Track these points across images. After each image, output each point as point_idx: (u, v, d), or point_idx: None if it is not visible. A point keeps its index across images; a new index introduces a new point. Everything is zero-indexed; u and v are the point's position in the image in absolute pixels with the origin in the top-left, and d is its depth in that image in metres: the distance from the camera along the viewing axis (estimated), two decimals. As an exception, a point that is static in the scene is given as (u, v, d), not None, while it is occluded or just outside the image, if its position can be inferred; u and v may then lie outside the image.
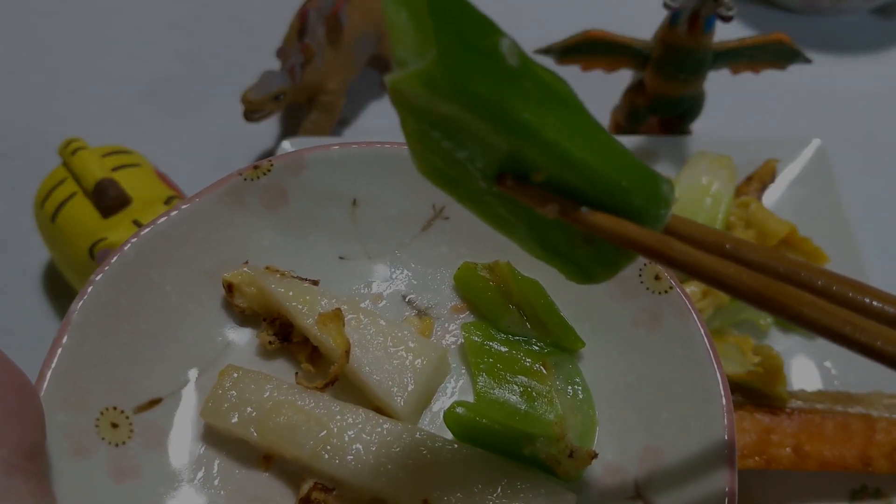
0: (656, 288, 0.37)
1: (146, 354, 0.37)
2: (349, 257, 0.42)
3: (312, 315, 0.37)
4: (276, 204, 0.41)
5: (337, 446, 0.34)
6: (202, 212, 0.40)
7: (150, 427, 0.36)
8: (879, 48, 0.86)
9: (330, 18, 0.68)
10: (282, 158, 0.41)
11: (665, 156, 0.69)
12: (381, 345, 0.37)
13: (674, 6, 0.59)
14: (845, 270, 0.61)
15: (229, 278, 0.39)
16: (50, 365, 0.34)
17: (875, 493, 0.52)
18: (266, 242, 0.41)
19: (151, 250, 0.38)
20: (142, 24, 0.90)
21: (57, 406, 0.33)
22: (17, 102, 0.81)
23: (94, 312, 0.36)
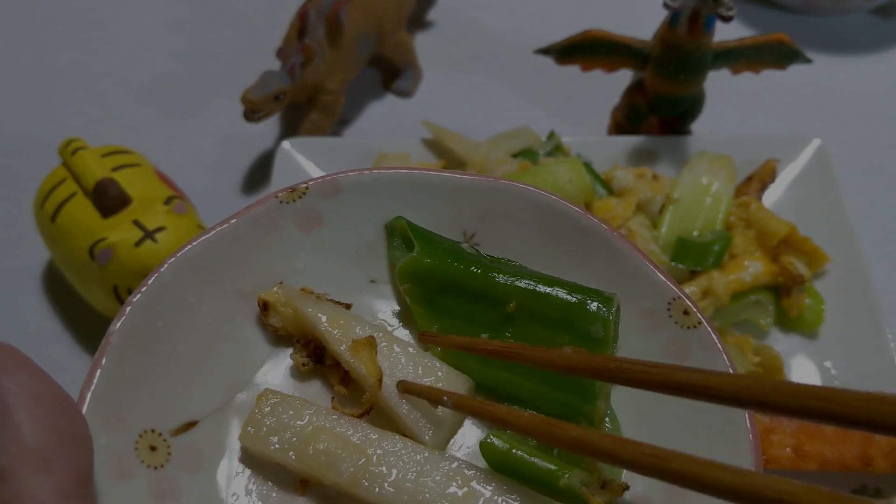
0: (684, 323, 0.38)
1: (182, 376, 0.37)
2: (380, 281, 0.43)
3: (346, 341, 0.37)
4: (311, 227, 0.42)
5: (375, 474, 0.34)
6: (238, 233, 0.40)
7: (187, 449, 0.36)
8: (879, 48, 0.86)
9: (330, 18, 0.68)
10: (317, 181, 0.42)
11: (665, 156, 0.69)
12: (412, 374, 0.37)
13: (674, 6, 0.59)
14: (845, 270, 0.61)
15: (265, 297, 0.39)
16: (90, 387, 0.34)
17: (875, 493, 0.52)
18: (300, 265, 0.42)
19: (187, 271, 0.38)
20: (142, 24, 0.90)
21: (98, 429, 0.33)
22: (17, 102, 0.81)
23: (132, 334, 0.36)
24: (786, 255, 0.60)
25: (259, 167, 0.75)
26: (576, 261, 0.40)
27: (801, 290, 0.59)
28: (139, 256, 0.54)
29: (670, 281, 0.38)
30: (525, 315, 0.38)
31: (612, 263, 0.40)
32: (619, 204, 0.61)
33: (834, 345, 0.59)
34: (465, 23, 0.89)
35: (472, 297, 0.39)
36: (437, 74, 0.83)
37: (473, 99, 0.82)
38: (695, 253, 0.59)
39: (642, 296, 0.39)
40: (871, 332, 0.58)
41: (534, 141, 0.68)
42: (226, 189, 0.73)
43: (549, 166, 0.61)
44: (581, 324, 0.37)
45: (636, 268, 0.39)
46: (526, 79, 0.83)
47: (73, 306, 0.64)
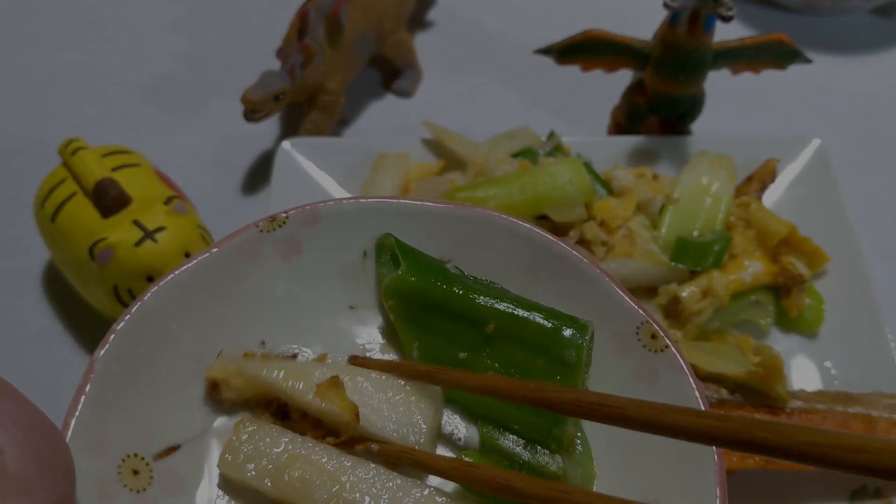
0: (652, 346, 0.39)
1: (165, 402, 0.38)
2: (359, 307, 0.44)
3: (311, 389, 0.38)
4: (291, 255, 0.43)
5: (349, 500, 0.35)
6: (219, 262, 0.41)
7: (169, 474, 0.37)
8: (879, 48, 0.86)
9: (330, 18, 0.68)
10: (297, 211, 0.43)
11: (665, 156, 0.69)
12: (383, 398, 0.38)
13: (674, 6, 0.59)
14: (845, 270, 0.61)
15: (213, 375, 0.39)
16: (74, 413, 0.35)
17: (875, 493, 0.52)
18: (280, 293, 0.43)
19: (170, 299, 0.39)
20: (142, 24, 0.90)
21: (82, 454, 0.34)
22: (17, 102, 0.81)
23: (116, 361, 0.37)
24: (786, 255, 0.60)
25: (259, 167, 0.75)
26: (549, 286, 0.42)
27: (801, 290, 0.59)
28: (139, 256, 0.54)
29: (638, 306, 0.40)
30: (503, 337, 0.40)
31: (583, 289, 0.41)
32: (619, 204, 0.61)
33: (834, 345, 0.59)
34: (465, 23, 0.89)
35: (454, 317, 0.40)
36: (437, 74, 0.83)
37: (473, 99, 0.82)
38: (695, 253, 0.59)
39: (612, 320, 0.40)
40: (871, 332, 0.58)
41: (534, 141, 0.68)
42: (226, 189, 0.73)
43: (549, 166, 0.61)
44: (556, 349, 0.39)
45: (606, 293, 0.40)
46: (526, 79, 0.83)
47: (73, 306, 0.64)
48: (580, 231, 0.59)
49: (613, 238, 0.59)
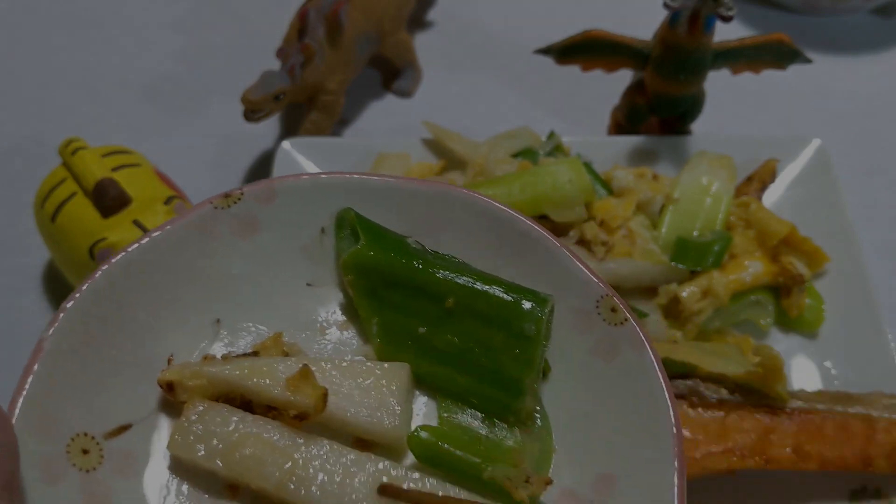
0: (612, 320, 0.39)
1: (117, 380, 0.38)
2: (317, 284, 0.43)
3: (278, 384, 0.37)
4: (247, 232, 0.42)
5: (302, 477, 0.35)
6: (173, 239, 0.40)
7: (120, 453, 0.36)
8: (879, 48, 0.86)
9: (330, 18, 0.68)
10: (253, 187, 0.42)
11: (665, 156, 0.69)
12: (353, 384, 0.38)
13: (674, 6, 0.59)
14: (845, 270, 0.61)
15: (168, 377, 0.38)
16: (21, 392, 0.34)
17: (875, 493, 0.52)
18: (236, 270, 0.42)
19: (122, 277, 0.39)
20: (141, 24, 0.90)
21: (29, 434, 0.34)
22: (17, 102, 0.81)
23: (66, 339, 0.36)
24: (786, 255, 0.60)
25: (259, 167, 0.75)
26: (511, 262, 0.41)
27: (801, 290, 0.59)
28: (139, 256, 0.54)
29: (599, 280, 0.40)
30: (463, 311, 0.39)
31: (545, 264, 0.41)
32: (619, 204, 0.61)
33: (834, 345, 0.59)
34: (465, 23, 0.89)
35: (414, 292, 0.40)
36: (437, 74, 0.83)
37: (473, 99, 0.82)
38: (695, 253, 0.59)
39: (572, 294, 0.40)
40: (871, 332, 0.58)
41: (534, 141, 0.68)
42: (226, 189, 0.73)
43: (549, 166, 0.61)
44: (516, 322, 0.38)
45: (566, 267, 0.40)
46: (526, 79, 0.83)
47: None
48: (580, 231, 0.59)
49: (613, 238, 0.59)
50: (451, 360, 0.39)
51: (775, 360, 0.51)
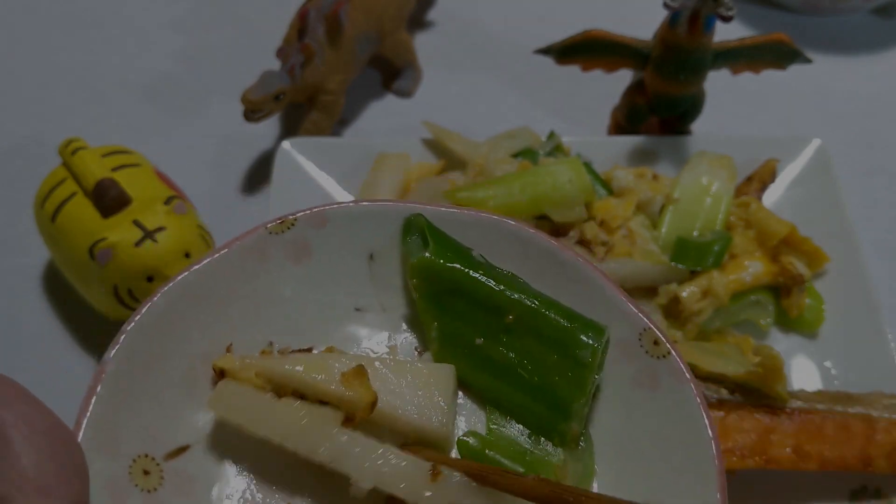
0: (655, 352, 0.40)
1: (174, 402, 0.39)
2: (365, 309, 0.44)
3: (332, 380, 0.38)
4: (300, 257, 0.43)
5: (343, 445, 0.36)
6: (228, 263, 0.41)
7: (179, 474, 0.37)
8: (879, 48, 0.86)
9: (330, 18, 0.68)
10: (305, 213, 0.43)
11: (665, 156, 0.69)
12: (403, 383, 0.39)
13: (674, 6, 0.59)
14: (845, 270, 0.61)
15: (220, 364, 0.40)
16: (86, 413, 0.35)
17: (875, 493, 0.52)
18: (288, 293, 0.43)
19: (180, 300, 0.40)
20: (142, 24, 0.90)
21: (94, 455, 0.34)
22: (17, 102, 0.81)
23: (126, 361, 0.37)
24: (786, 255, 0.60)
25: (259, 167, 0.75)
26: (553, 292, 0.42)
27: (801, 290, 0.59)
28: (139, 256, 0.54)
29: (641, 312, 0.41)
30: (522, 328, 0.41)
31: (588, 294, 0.42)
32: (619, 204, 0.61)
33: (834, 345, 0.59)
34: (465, 23, 0.89)
35: (476, 303, 0.41)
36: (437, 74, 0.83)
37: (473, 99, 0.82)
38: (695, 253, 0.59)
39: (615, 326, 0.41)
40: (871, 332, 0.58)
41: (534, 141, 0.68)
42: (226, 189, 0.73)
43: (549, 166, 0.61)
44: (572, 347, 0.40)
45: (609, 299, 0.41)
46: (526, 79, 0.83)
47: (73, 306, 0.64)
48: (580, 231, 0.59)
49: (613, 238, 0.59)
50: (504, 374, 0.41)
51: (775, 360, 0.51)
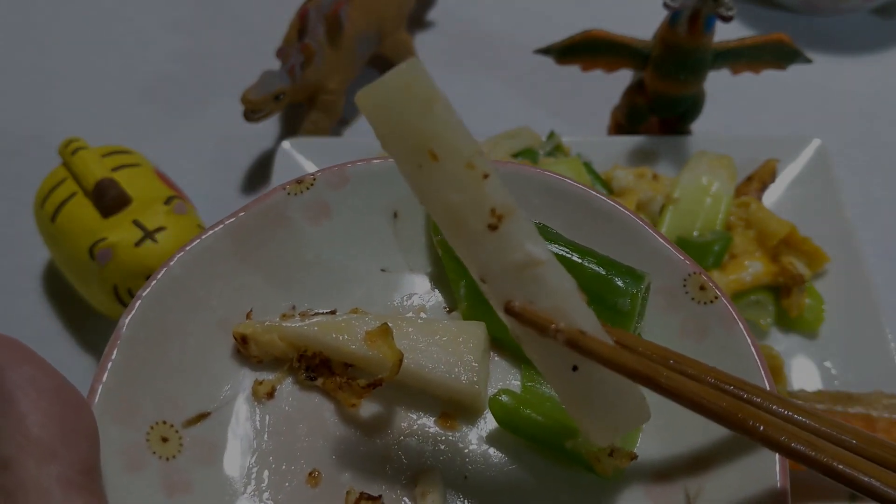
0: (701, 298, 0.37)
1: (193, 369, 0.38)
2: (391, 270, 0.43)
3: (355, 341, 0.37)
4: (320, 218, 0.42)
5: None
6: (246, 226, 0.40)
7: (199, 441, 0.36)
8: (879, 48, 0.86)
9: (330, 18, 0.68)
10: (325, 172, 0.42)
11: (665, 156, 0.69)
12: (431, 342, 0.37)
13: (674, 6, 0.59)
14: (845, 270, 0.61)
15: (241, 330, 0.39)
16: (101, 380, 0.34)
17: (875, 493, 0.52)
18: (310, 257, 0.41)
19: (197, 265, 0.38)
20: (142, 24, 0.90)
21: (109, 421, 0.33)
22: (17, 102, 0.81)
23: (142, 327, 0.36)
24: (786, 255, 0.60)
25: (259, 167, 0.75)
26: (591, 242, 0.40)
27: (801, 290, 0.59)
28: (139, 256, 0.54)
29: (686, 257, 0.38)
30: None
31: (628, 243, 0.39)
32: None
33: (834, 345, 0.59)
34: (465, 23, 0.89)
35: None
36: (437, 74, 0.82)
37: (473, 99, 0.82)
38: (695, 253, 0.59)
39: (658, 274, 0.38)
40: (871, 332, 0.58)
41: (534, 141, 0.68)
42: (226, 189, 0.73)
43: (549, 166, 0.61)
44: (610, 296, 0.37)
45: (651, 246, 0.39)
46: (526, 79, 0.83)
47: (73, 306, 0.64)
48: (580, 231, 0.59)
49: (613, 238, 0.59)
50: None
51: (775, 360, 0.51)
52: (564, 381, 0.31)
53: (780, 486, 0.32)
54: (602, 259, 0.38)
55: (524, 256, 0.29)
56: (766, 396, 0.30)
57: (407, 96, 0.30)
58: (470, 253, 0.30)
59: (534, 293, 0.29)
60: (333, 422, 0.38)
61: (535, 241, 0.29)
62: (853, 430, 0.29)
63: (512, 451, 0.36)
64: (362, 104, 0.29)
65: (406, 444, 0.37)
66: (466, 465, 0.36)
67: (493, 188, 0.30)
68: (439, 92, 0.30)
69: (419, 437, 0.37)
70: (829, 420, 0.30)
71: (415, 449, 0.36)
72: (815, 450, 0.29)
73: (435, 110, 0.30)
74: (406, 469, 0.36)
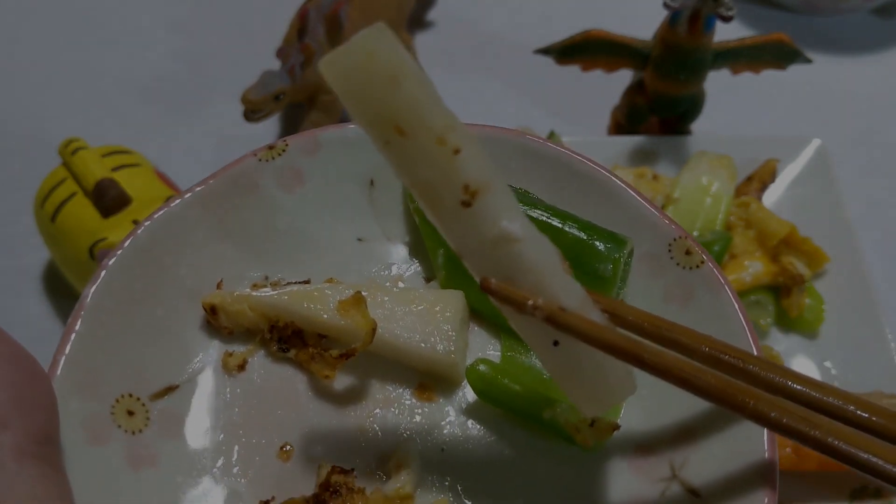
0: (687, 263, 0.36)
1: (161, 340, 0.36)
2: (368, 239, 0.41)
3: (327, 311, 0.36)
4: (292, 185, 0.40)
5: None
6: (216, 193, 0.39)
7: (166, 414, 0.35)
8: (879, 48, 0.86)
9: (330, 18, 0.68)
10: (297, 138, 0.40)
11: (665, 156, 0.69)
12: (407, 311, 0.36)
13: (674, 6, 0.59)
14: (845, 270, 0.61)
15: (210, 300, 0.38)
16: (63, 351, 0.33)
17: (875, 493, 0.52)
18: (282, 225, 0.40)
19: (165, 234, 0.37)
20: (142, 24, 0.90)
21: (71, 393, 0.33)
22: (17, 102, 0.81)
23: (108, 297, 0.35)
24: (786, 255, 0.60)
25: (259, 167, 0.75)
26: (573, 206, 0.39)
27: (801, 290, 0.59)
28: (139, 256, 0.54)
29: (671, 222, 0.37)
30: None
31: (611, 207, 0.38)
32: (619, 204, 0.61)
33: (834, 345, 0.59)
34: (465, 23, 0.89)
35: None
36: (437, 74, 0.83)
37: (473, 99, 0.82)
38: (695, 253, 0.59)
39: (642, 239, 0.38)
40: (871, 332, 0.58)
41: (534, 141, 0.68)
42: (226, 189, 0.73)
43: (549, 166, 0.61)
44: (591, 261, 0.36)
45: (636, 211, 0.38)
46: (526, 79, 0.83)
47: (73, 306, 0.64)
48: (580, 231, 0.59)
49: (613, 238, 0.59)
50: None
51: (775, 360, 0.51)
52: (547, 356, 0.30)
53: (769, 457, 0.31)
54: (583, 223, 0.37)
55: (499, 233, 0.28)
56: (765, 366, 0.29)
57: (371, 66, 0.27)
58: (446, 229, 0.29)
59: (512, 270, 0.28)
60: (306, 394, 0.37)
61: (511, 218, 0.28)
62: (855, 399, 0.28)
63: (491, 424, 0.36)
64: (327, 72, 0.27)
65: (381, 416, 0.36)
66: (444, 437, 0.35)
67: (467, 163, 0.28)
68: (406, 61, 0.27)
69: (395, 409, 0.36)
70: (828, 388, 0.29)
71: (390, 421, 0.36)
72: (809, 425, 0.27)
73: (401, 82, 0.27)
74: (381, 442, 0.35)
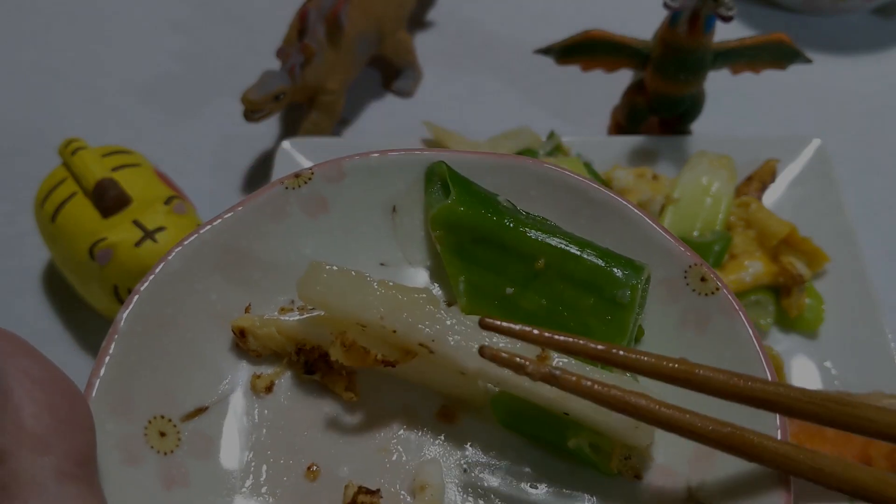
0: (702, 290, 0.37)
1: (191, 363, 0.38)
2: (390, 264, 0.42)
3: None
4: (317, 212, 0.42)
5: None
6: (244, 220, 0.40)
7: (197, 435, 0.36)
8: (879, 48, 0.86)
9: (330, 18, 0.68)
10: (322, 167, 0.42)
11: (665, 156, 0.69)
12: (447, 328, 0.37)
13: (674, 6, 0.59)
14: (845, 270, 0.61)
15: (239, 323, 0.39)
16: (98, 374, 0.34)
17: (875, 493, 0.52)
18: (308, 251, 0.41)
19: (195, 260, 0.38)
20: (142, 24, 0.90)
21: (106, 415, 0.34)
22: (17, 102, 0.81)
23: (140, 322, 0.36)
24: (786, 255, 0.60)
25: (259, 167, 0.75)
26: (590, 233, 0.40)
27: (801, 290, 0.59)
28: (139, 256, 0.54)
29: (686, 249, 0.38)
30: (553, 273, 0.38)
31: (627, 235, 0.39)
32: (619, 204, 0.61)
33: (834, 345, 0.59)
34: (465, 23, 0.89)
35: (503, 250, 0.39)
36: (437, 74, 0.83)
37: (473, 99, 0.82)
38: (695, 253, 0.59)
39: (658, 265, 0.38)
40: (871, 332, 0.58)
41: (534, 141, 0.68)
42: (226, 189, 0.73)
43: (549, 166, 0.61)
44: (609, 288, 0.37)
45: (651, 238, 0.39)
46: (526, 79, 0.83)
47: (73, 306, 0.64)
48: (580, 231, 0.59)
49: (613, 238, 0.59)
50: (537, 323, 0.36)
51: (775, 360, 0.51)
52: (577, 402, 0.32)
53: (783, 477, 0.32)
54: (601, 251, 0.38)
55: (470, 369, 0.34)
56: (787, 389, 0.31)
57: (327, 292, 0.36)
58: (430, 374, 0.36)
59: None
60: (332, 416, 0.38)
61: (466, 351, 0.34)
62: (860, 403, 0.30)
63: (512, 444, 0.36)
64: None
65: (405, 437, 0.37)
66: (466, 457, 0.36)
67: (406, 335, 0.35)
68: None
69: (418, 430, 0.37)
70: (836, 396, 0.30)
71: (414, 442, 0.36)
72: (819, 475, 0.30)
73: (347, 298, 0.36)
74: (405, 462, 0.36)
